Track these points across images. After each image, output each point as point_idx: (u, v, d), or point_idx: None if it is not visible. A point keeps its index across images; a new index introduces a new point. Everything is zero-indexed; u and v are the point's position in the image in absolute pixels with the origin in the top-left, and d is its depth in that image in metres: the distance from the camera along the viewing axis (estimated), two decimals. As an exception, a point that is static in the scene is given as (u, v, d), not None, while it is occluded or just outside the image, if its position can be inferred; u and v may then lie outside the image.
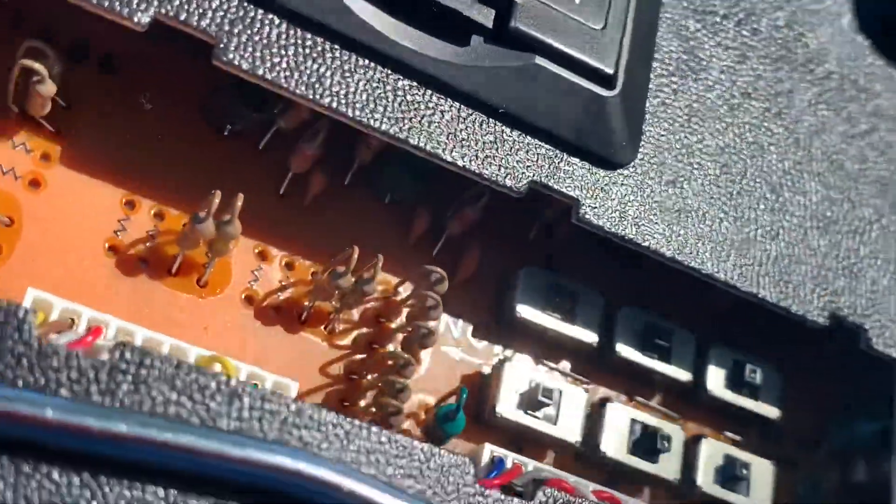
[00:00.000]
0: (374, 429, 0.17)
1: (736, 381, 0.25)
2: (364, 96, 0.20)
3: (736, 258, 0.23)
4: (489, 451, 0.21)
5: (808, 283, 0.23)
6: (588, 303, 0.23)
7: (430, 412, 0.22)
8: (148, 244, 0.21)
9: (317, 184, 0.22)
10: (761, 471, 0.24)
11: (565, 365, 0.24)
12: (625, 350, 0.24)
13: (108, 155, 0.21)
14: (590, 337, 0.23)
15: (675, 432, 0.24)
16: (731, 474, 0.24)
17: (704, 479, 0.24)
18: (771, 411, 0.25)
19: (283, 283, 0.22)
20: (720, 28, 0.25)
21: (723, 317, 0.25)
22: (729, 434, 0.25)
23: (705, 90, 0.24)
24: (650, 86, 0.23)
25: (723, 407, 0.25)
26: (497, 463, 0.21)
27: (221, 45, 0.19)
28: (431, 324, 0.21)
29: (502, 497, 0.18)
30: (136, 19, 0.18)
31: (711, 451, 0.24)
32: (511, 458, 0.22)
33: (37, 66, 0.19)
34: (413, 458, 0.18)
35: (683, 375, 0.24)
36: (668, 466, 0.23)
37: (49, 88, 0.19)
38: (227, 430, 0.16)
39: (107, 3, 0.18)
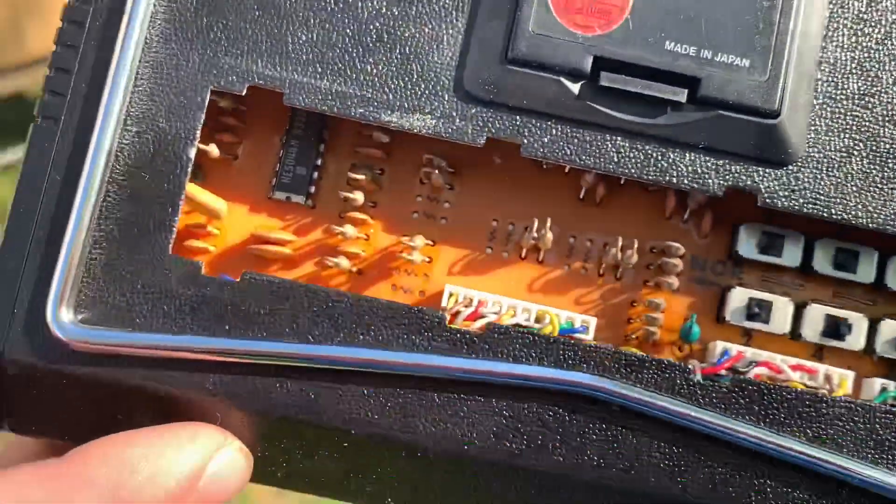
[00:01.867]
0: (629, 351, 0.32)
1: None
2: (611, 155, 0.33)
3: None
4: (721, 345, 0.35)
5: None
6: (793, 240, 0.35)
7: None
8: (507, 243, 0.37)
9: (600, 190, 0.36)
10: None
11: (778, 282, 0.36)
12: (821, 268, 0.36)
13: (492, 196, 0.37)
14: (795, 262, 0.35)
15: (859, 320, 0.35)
16: (905, 343, 0.35)
17: (882, 347, 0.35)
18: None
19: (586, 255, 0.37)
20: (876, 46, 0.34)
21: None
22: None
23: (863, 93, 0.34)
24: (814, 101, 0.33)
25: (898, 298, 0.36)
26: (723, 353, 0.35)
27: (524, 144, 0.33)
28: (673, 278, 0.35)
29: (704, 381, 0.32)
30: (475, 142, 0.33)
31: (890, 328, 0.35)
32: (735, 348, 0.35)
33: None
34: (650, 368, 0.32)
35: (868, 279, 0.36)
36: (854, 342, 0.35)
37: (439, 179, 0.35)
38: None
39: (457, 136, 0.33)
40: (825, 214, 0.33)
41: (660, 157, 0.33)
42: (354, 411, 0.31)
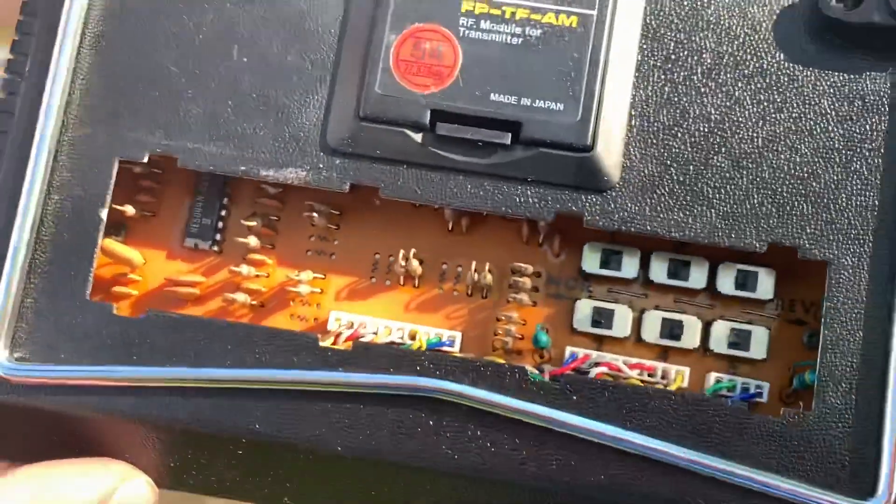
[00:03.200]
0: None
1: (739, 284, 0.40)
2: (454, 192, 0.39)
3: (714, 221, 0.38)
4: (569, 350, 0.40)
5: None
6: (630, 255, 0.40)
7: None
8: (388, 272, 0.42)
9: (464, 222, 0.41)
10: (759, 334, 0.40)
11: (625, 293, 0.41)
12: (657, 278, 0.40)
13: (373, 233, 0.43)
14: (633, 274, 0.40)
15: (693, 322, 0.40)
16: (734, 340, 0.40)
17: (715, 345, 0.40)
18: (768, 295, 0.40)
19: (456, 279, 0.42)
20: (683, 82, 0.39)
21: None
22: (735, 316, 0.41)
23: (672, 124, 0.39)
24: (627, 134, 0.39)
25: (731, 301, 0.40)
26: (570, 355, 0.40)
27: (382, 187, 0.39)
28: (524, 295, 0.41)
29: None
30: (341, 188, 0.39)
31: (721, 328, 0.40)
32: (582, 352, 0.40)
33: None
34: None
35: (701, 285, 0.40)
36: (689, 342, 0.40)
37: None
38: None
39: (325, 185, 0.39)
40: (643, 231, 0.38)
41: (495, 192, 0.38)
42: (242, 422, 0.37)
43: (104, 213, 0.39)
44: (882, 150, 0.38)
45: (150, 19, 0.40)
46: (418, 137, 0.39)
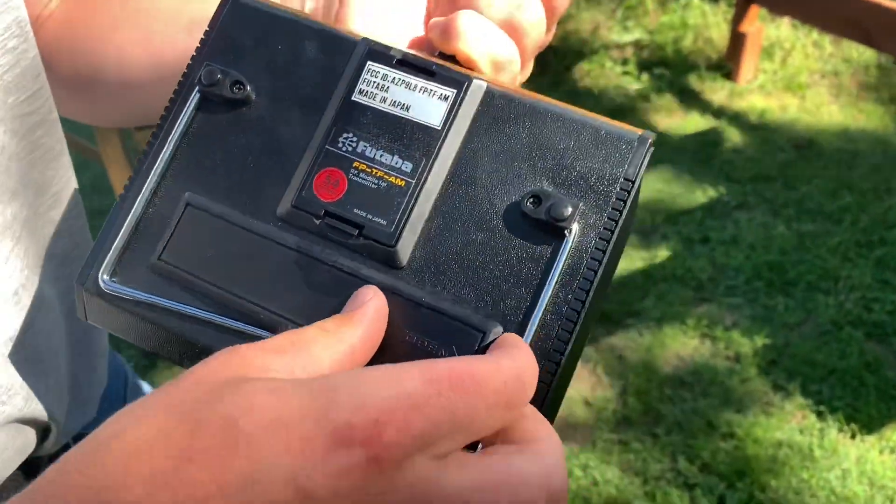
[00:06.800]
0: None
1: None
2: (324, 251, 0.79)
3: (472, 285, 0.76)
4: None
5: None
6: (413, 303, 0.79)
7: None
8: (299, 283, 0.83)
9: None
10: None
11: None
12: (423, 318, 0.79)
13: (294, 259, 0.83)
14: (412, 314, 0.79)
15: (432, 344, 0.78)
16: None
17: (440, 359, 0.78)
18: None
19: (333, 293, 0.82)
20: (453, 225, 0.77)
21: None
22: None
23: (444, 234, 0.77)
24: (416, 238, 0.77)
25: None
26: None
27: (294, 242, 0.79)
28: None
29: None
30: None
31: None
32: (376, 346, 0.79)
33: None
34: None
35: (442, 328, 0.78)
36: (428, 354, 0.78)
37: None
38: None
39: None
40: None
41: (345, 260, 0.78)
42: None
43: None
44: (539, 275, 0.75)
45: (209, 136, 0.82)
46: (317, 221, 0.79)
